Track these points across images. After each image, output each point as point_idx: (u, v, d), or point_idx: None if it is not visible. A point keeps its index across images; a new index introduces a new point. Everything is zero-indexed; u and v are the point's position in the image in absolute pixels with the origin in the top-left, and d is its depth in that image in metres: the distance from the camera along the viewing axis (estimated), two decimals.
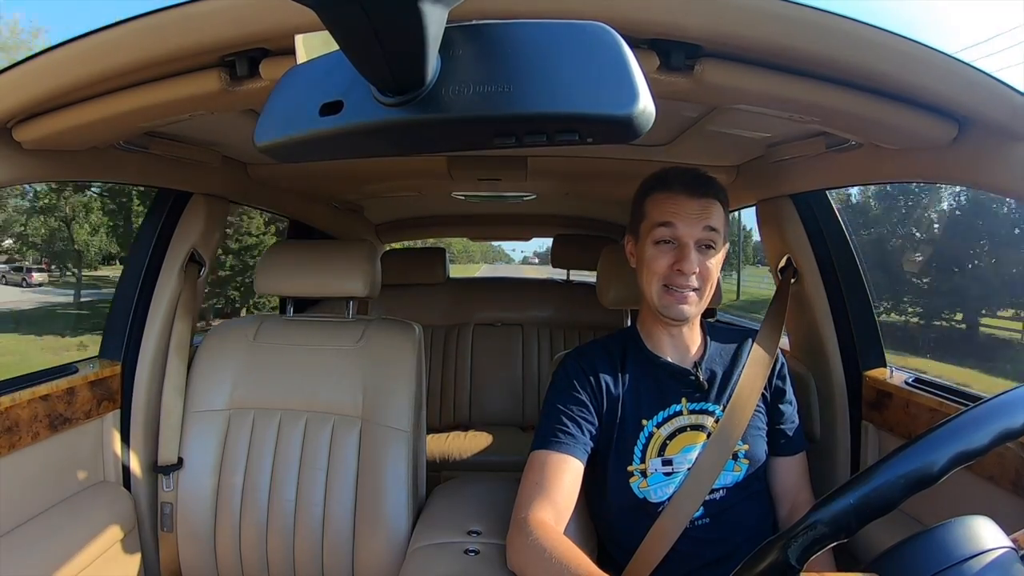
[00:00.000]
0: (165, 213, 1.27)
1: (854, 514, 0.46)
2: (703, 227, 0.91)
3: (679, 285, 0.91)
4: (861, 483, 0.47)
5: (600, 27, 0.34)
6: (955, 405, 0.97)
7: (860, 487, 0.47)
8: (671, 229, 0.91)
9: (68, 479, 1.09)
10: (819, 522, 0.46)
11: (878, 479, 0.47)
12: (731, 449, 0.92)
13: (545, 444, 0.89)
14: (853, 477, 0.48)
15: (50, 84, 0.71)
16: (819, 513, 0.47)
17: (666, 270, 0.91)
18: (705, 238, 0.91)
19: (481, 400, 2.17)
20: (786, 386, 1.01)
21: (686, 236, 0.90)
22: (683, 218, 0.91)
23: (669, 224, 0.91)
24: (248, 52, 0.67)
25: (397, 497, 1.07)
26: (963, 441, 0.47)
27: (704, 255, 0.91)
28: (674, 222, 0.91)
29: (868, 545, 0.99)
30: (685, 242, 0.90)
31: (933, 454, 0.47)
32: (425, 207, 2.37)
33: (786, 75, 0.67)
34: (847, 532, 0.46)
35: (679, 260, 0.90)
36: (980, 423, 0.48)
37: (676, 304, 0.91)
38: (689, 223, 0.91)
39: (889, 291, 9.93)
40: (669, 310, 0.92)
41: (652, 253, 0.93)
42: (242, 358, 1.18)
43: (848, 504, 0.46)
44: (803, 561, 0.46)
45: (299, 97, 0.37)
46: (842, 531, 0.46)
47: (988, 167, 0.74)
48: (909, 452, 0.47)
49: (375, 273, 1.22)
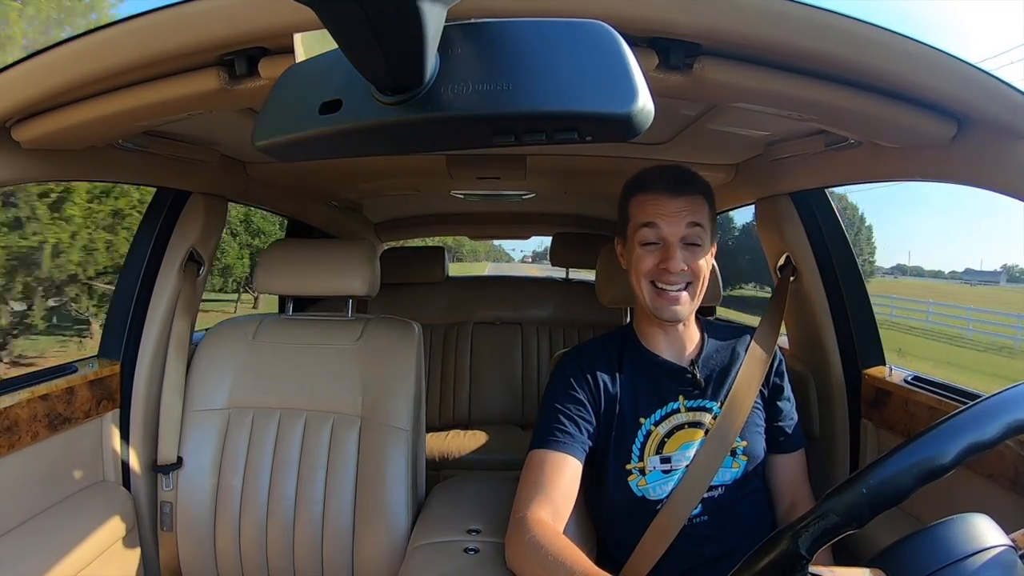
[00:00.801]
0: (164, 212, 1.26)
1: (867, 504, 0.46)
2: (687, 224, 0.91)
3: (667, 284, 0.91)
4: (873, 472, 0.47)
5: (599, 25, 0.34)
6: (953, 403, 0.98)
7: (872, 476, 0.47)
8: (655, 230, 0.91)
9: (67, 478, 1.09)
10: (831, 511, 0.46)
11: (891, 468, 0.47)
12: (729, 445, 0.92)
13: (543, 443, 0.89)
14: (866, 467, 0.48)
15: (49, 83, 0.71)
16: (831, 503, 0.47)
17: (653, 270, 0.92)
18: (690, 235, 0.91)
19: (480, 399, 2.17)
20: (784, 383, 1.02)
21: (670, 236, 0.91)
22: (665, 217, 0.91)
23: (652, 225, 0.91)
24: (247, 51, 0.67)
25: (397, 496, 1.07)
26: (975, 432, 0.47)
27: (691, 252, 0.91)
28: (656, 222, 0.91)
29: (868, 543, 0.99)
30: (670, 241, 0.91)
31: (945, 444, 0.47)
32: (424, 206, 2.37)
33: (785, 73, 0.67)
34: (859, 522, 0.46)
35: (664, 260, 0.90)
36: (991, 415, 0.48)
37: (668, 306, 0.92)
38: (672, 222, 0.91)
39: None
40: (662, 312, 0.92)
41: (639, 255, 0.93)
42: (241, 357, 1.18)
43: (860, 493, 0.46)
44: (813, 551, 0.46)
45: (298, 96, 0.37)
46: (854, 521, 0.46)
47: (988, 166, 0.74)
48: (921, 442, 0.47)
49: (374, 272, 1.22)
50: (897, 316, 19.17)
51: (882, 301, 19.54)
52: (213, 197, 1.31)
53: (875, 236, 23.73)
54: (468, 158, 1.41)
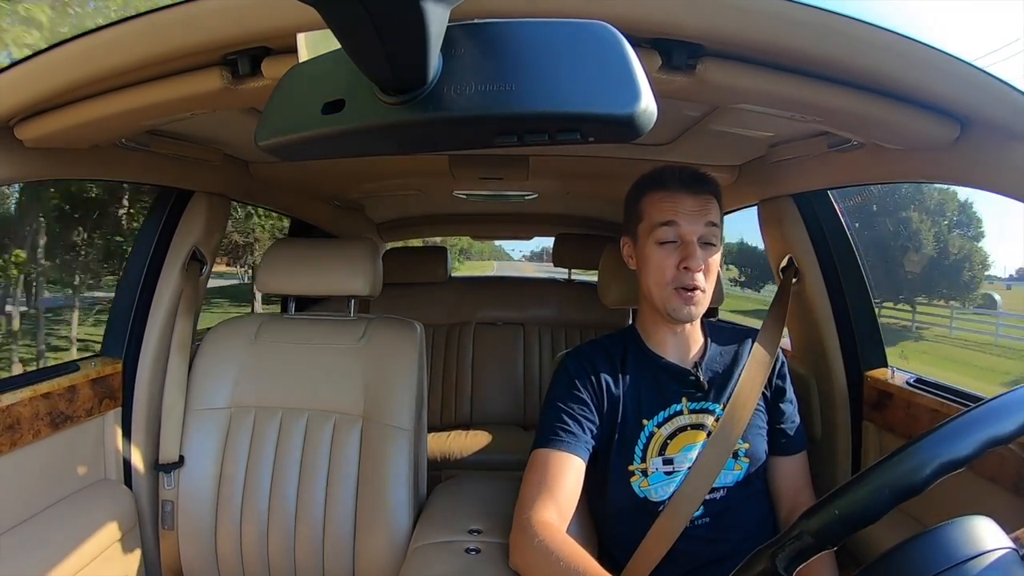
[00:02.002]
0: (167, 211, 1.27)
1: (839, 524, 0.46)
2: (705, 223, 0.91)
3: (688, 285, 0.90)
4: (845, 494, 0.47)
5: (602, 26, 0.34)
6: (956, 405, 0.97)
7: (844, 498, 0.47)
8: (674, 228, 0.91)
9: (69, 477, 1.09)
10: (805, 532, 0.47)
11: (862, 490, 0.47)
12: (731, 447, 0.92)
13: (547, 443, 0.89)
14: (837, 488, 0.48)
15: (52, 82, 0.71)
16: (804, 523, 0.47)
17: (674, 271, 0.91)
18: (707, 234, 0.91)
19: (482, 399, 2.17)
20: (786, 385, 1.01)
21: (689, 234, 0.90)
22: (685, 216, 0.90)
23: (672, 223, 0.91)
24: (250, 51, 0.67)
25: (398, 496, 1.07)
26: (948, 451, 0.47)
27: (706, 252, 0.91)
28: (676, 220, 0.90)
29: (868, 545, 0.99)
30: (689, 240, 0.90)
31: (917, 464, 0.47)
32: (427, 206, 2.37)
33: (788, 75, 0.67)
34: (832, 542, 0.47)
35: (685, 259, 0.90)
36: (964, 432, 0.48)
37: (685, 306, 0.91)
38: (691, 220, 0.90)
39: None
40: (679, 312, 0.92)
41: (657, 255, 0.92)
42: (243, 356, 1.18)
43: (832, 515, 0.47)
44: (791, 570, 0.47)
45: (301, 96, 0.37)
46: (828, 541, 0.47)
47: (990, 167, 0.74)
48: (893, 462, 0.48)
49: (377, 272, 1.22)
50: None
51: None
52: (216, 196, 1.31)
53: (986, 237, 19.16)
54: (471, 158, 1.41)
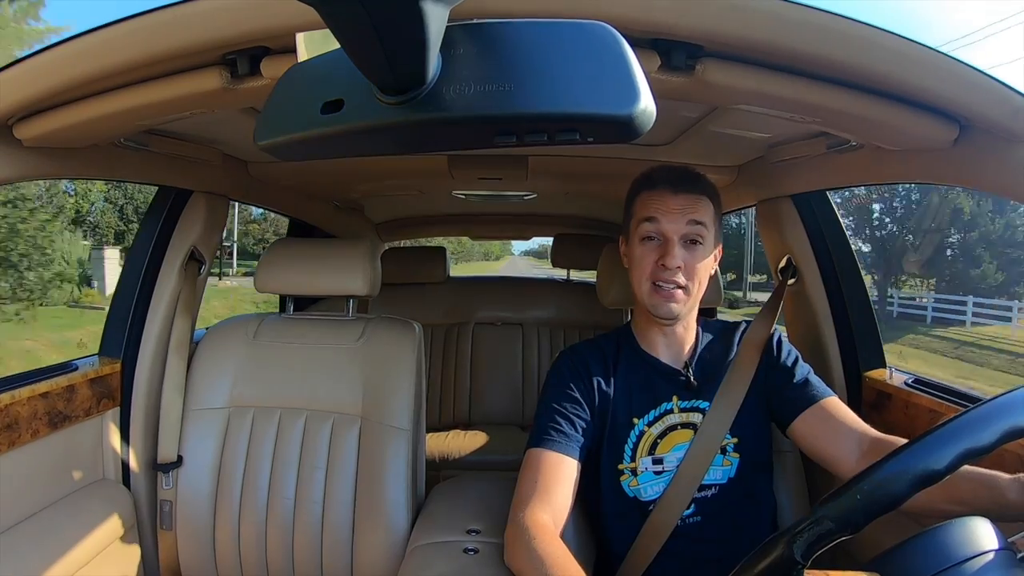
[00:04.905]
0: (165, 211, 1.26)
1: (861, 509, 0.46)
2: (687, 221, 0.91)
3: (664, 280, 0.91)
4: (868, 478, 0.47)
5: (601, 27, 0.34)
6: (954, 406, 0.97)
7: (867, 482, 0.47)
8: (655, 224, 0.91)
9: (67, 477, 1.09)
10: (825, 517, 0.46)
11: (885, 474, 0.47)
12: (718, 443, 0.92)
13: (541, 442, 0.89)
14: (860, 472, 0.48)
15: (51, 82, 0.71)
16: (825, 508, 0.47)
17: (652, 266, 0.91)
18: (690, 232, 0.91)
19: (481, 399, 2.17)
20: (783, 352, 0.99)
21: (670, 231, 0.90)
22: (665, 213, 0.91)
23: (652, 219, 0.91)
24: (249, 50, 0.67)
25: (396, 495, 1.07)
26: (970, 438, 0.47)
27: (690, 251, 0.91)
28: (657, 217, 0.91)
29: (867, 545, 0.99)
30: (669, 237, 0.91)
31: (940, 450, 0.47)
32: (425, 206, 2.36)
33: (787, 75, 0.67)
34: (853, 528, 0.46)
35: (663, 255, 0.90)
36: (987, 420, 0.48)
37: (664, 302, 0.91)
38: (672, 218, 0.91)
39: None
40: (658, 309, 0.92)
41: (639, 250, 0.93)
42: (242, 356, 1.18)
43: (855, 499, 0.46)
44: (808, 557, 0.46)
45: (300, 96, 0.37)
46: (849, 526, 0.46)
47: (989, 168, 0.74)
48: (916, 448, 0.47)
49: (375, 271, 1.22)
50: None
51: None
52: (215, 196, 1.31)
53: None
54: (470, 158, 1.41)
